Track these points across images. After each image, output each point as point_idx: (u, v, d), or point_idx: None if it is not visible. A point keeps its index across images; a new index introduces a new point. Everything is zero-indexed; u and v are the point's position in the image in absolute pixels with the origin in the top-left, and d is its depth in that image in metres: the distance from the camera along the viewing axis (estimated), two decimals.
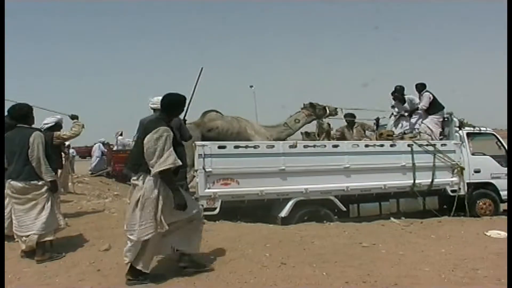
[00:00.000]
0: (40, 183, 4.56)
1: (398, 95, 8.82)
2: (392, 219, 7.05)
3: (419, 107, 8.55)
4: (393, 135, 8.12)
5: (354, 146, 7.24)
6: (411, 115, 8.82)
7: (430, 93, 8.50)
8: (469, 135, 8.26)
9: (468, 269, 4.23)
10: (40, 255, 4.51)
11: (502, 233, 5.88)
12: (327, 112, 8.00)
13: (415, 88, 8.76)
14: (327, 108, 8.01)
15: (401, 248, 5.08)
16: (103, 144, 15.49)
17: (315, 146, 6.99)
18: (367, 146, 7.34)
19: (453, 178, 7.80)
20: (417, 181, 7.38)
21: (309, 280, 3.86)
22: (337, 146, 7.12)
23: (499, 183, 8.25)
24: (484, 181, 8.23)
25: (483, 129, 8.54)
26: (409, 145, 7.49)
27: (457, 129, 8.18)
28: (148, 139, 3.63)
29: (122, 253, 3.97)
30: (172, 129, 3.79)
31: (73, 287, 3.83)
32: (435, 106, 8.44)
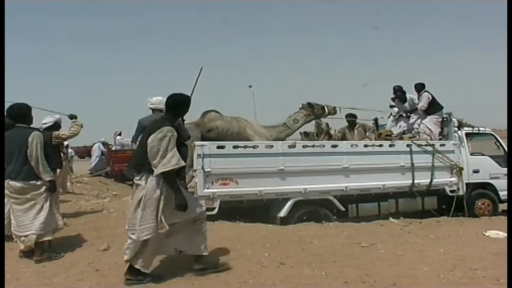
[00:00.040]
0: (38, 183, 4.55)
1: (400, 94, 8.81)
2: (391, 219, 7.05)
3: (418, 107, 8.55)
4: (392, 135, 8.11)
5: (353, 146, 7.23)
6: (408, 116, 8.82)
7: (429, 93, 8.49)
8: (468, 135, 8.26)
9: (466, 269, 4.24)
10: (38, 255, 4.51)
11: (500, 233, 5.89)
12: (326, 111, 7.93)
13: (414, 88, 8.75)
14: (325, 107, 7.96)
15: (400, 248, 5.09)
16: (103, 144, 15.48)
17: (314, 146, 6.98)
18: (366, 146, 7.34)
19: (452, 178, 7.80)
20: (416, 181, 7.37)
21: (308, 280, 3.86)
22: (336, 146, 7.11)
23: (498, 183, 8.26)
24: (483, 181, 8.23)
25: (482, 129, 8.54)
26: (408, 145, 7.49)
27: (456, 129, 8.18)
28: (152, 139, 3.63)
29: (121, 253, 3.97)
30: (176, 129, 3.79)
31: (71, 287, 3.82)
32: (434, 106, 8.44)
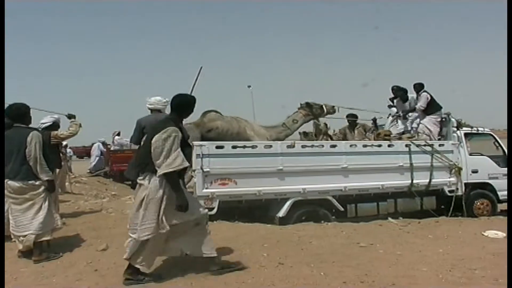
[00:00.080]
0: (37, 183, 4.55)
1: (402, 93, 8.80)
2: (389, 219, 7.04)
3: (417, 107, 8.55)
4: (390, 135, 8.11)
5: (352, 146, 7.23)
6: (405, 116, 8.82)
7: (428, 93, 8.50)
8: (466, 135, 8.27)
9: (465, 269, 4.24)
10: (37, 255, 4.50)
11: (499, 233, 5.89)
12: (325, 110, 7.88)
13: (413, 88, 8.75)
14: (324, 106, 7.91)
15: (398, 248, 5.09)
16: (103, 143, 15.46)
17: (313, 146, 6.98)
18: (365, 146, 7.34)
19: (451, 178, 7.80)
20: (415, 181, 7.38)
21: (307, 280, 3.86)
22: (335, 146, 7.11)
23: (497, 184, 8.27)
24: (481, 181, 8.24)
25: (480, 130, 8.56)
26: (406, 145, 7.50)
27: (455, 129, 8.19)
28: (156, 139, 3.62)
29: (119, 253, 3.97)
30: (181, 130, 3.79)
31: (70, 287, 3.82)
32: (432, 106, 8.44)
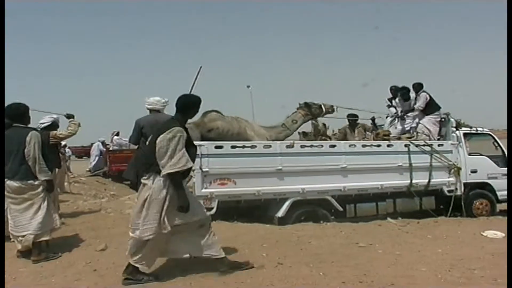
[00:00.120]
0: (36, 183, 4.55)
1: (405, 92, 8.77)
2: (389, 219, 7.04)
3: (415, 107, 8.55)
4: (389, 135, 8.11)
5: (351, 146, 7.23)
6: (403, 117, 8.81)
7: (427, 93, 8.50)
8: (466, 135, 8.27)
9: (464, 269, 4.24)
10: (36, 255, 4.50)
11: (498, 233, 5.88)
12: (323, 110, 7.84)
13: (412, 88, 8.75)
14: (322, 106, 7.89)
15: (397, 248, 5.08)
16: (102, 143, 15.46)
17: (312, 146, 6.98)
18: (364, 146, 7.34)
19: (450, 178, 7.81)
20: (414, 181, 7.39)
21: (306, 280, 3.85)
22: (334, 146, 7.11)
23: (496, 184, 8.28)
24: (480, 181, 8.24)
25: (480, 130, 8.56)
26: (406, 145, 7.50)
27: (454, 129, 8.20)
28: (161, 139, 3.62)
29: (118, 253, 3.97)
30: (186, 130, 3.78)
31: (69, 287, 3.82)
32: (431, 106, 8.45)
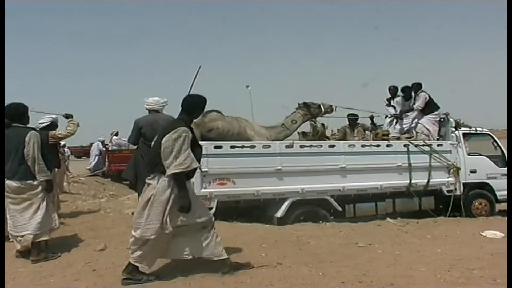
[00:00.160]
0: (35, 183, 4.54)
1: (407, 91, 8.76)
2: (388, 219, 7.04)
3: (414, 107, 8.55)
4: (389, 135, 8.11)
5: (350, 146, 7.23)
6: (401, 117, 8.81)
7: (426, 93, 8.50)
8: (465, 135, 8.28)
9: (464, 269, 4.24)
10: (35, 255, 4.49)
11: (497, 233, 5.89)
12: (322, 110, 7.78)
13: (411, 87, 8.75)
14: (321, 106, 7.86)
15: (397, 248, 5.09)
16: (102, 143, 15.46)
17: (312, 146, 6.97)
18: (363, 146, 7.34)
19: (449, 178, 7.81)
20: (413, 181, 7.39)
21: (305, 280, 3.85)
22: (333, 146, 7.11)
23: (495, 184, 8.28)
24: (480, 181, 8.25)
25: (479, 130, 8.57)
26: (405, 145, 7.51)
27: (453, 129, 8.20)
28: (166, 139, 3.62)
29: (117, 253, 3.96)
30: (191, 130, 3.78)
31: (68, 287, 3.81)
32: (431, 106, 8.45)
